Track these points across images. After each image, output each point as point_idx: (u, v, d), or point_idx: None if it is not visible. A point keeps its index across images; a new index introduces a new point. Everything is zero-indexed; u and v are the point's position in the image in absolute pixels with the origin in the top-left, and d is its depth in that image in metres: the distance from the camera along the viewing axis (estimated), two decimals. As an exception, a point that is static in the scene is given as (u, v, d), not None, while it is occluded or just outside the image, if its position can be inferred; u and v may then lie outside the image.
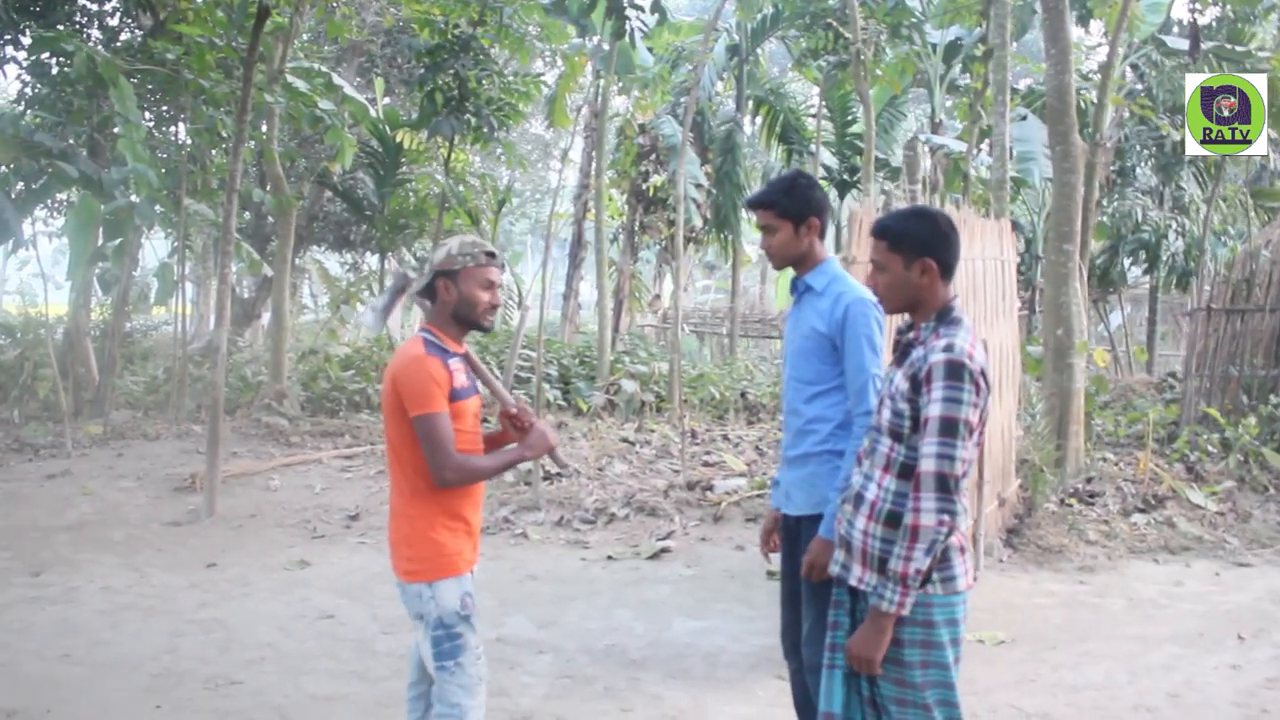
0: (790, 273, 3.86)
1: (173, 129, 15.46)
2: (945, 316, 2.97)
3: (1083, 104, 15.13)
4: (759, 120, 21.23)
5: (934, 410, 2.80)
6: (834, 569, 3.12)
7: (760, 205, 3.78)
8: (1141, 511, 8.64)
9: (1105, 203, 17.73)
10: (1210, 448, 10.11)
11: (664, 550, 7.86)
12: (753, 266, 35.79)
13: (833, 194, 21.37)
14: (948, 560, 2.90)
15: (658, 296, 25.39)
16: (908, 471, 2.90)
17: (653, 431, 12.53)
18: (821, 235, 3.79)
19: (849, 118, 20.20)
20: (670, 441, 11.77)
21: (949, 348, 2.84)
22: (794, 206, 3.72)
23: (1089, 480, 9.14)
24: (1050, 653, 5.79)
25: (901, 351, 3.03)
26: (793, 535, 3.79)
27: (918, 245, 2.99)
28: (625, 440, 11.94)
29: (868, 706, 3.02)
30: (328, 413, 13.64)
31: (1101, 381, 11.40)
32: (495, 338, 15.90)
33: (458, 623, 3.23)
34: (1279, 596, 7.00)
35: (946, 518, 2.77)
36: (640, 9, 13.96)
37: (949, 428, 2.78)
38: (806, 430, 3.70)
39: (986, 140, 16.09)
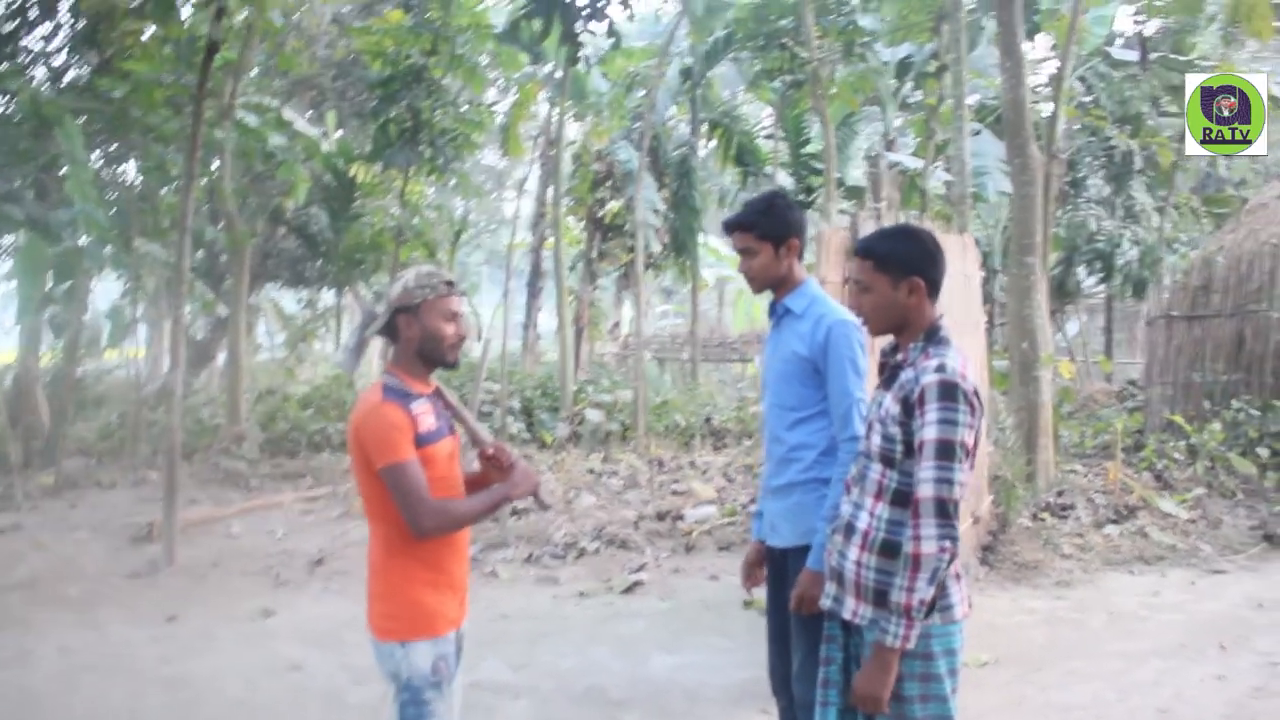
0: (767, 297, 3.76)
1: (121, 168, 15.22)
2: (933, 336, 2.90)
3: (1035, 116, 15.22)
4: (714, 143, 21.20)
5: (929, 433, 2.72)
6: (825, 602, 3.02)
7: (739, 227, 3.67)
8: (1114, 522, 8.63)
9: (1059, 214, 17.84)
10: (1177, 455, 10.13)
11: (637, 584, 7.73)
12: (710, 290, 35.83)
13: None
14: (944, 588, 2.81)
15: (617, 324, 25.31)
16: (901, 498, 2.82)
17: (619, 461, 12.41)
18: (800, 256, 3.70)
19: (803, 138, 20.22)
20: (638, 471, 11.66)
21: (941, 368, 2.76)
22: (774, 227, 3.63)
23: (1060, 493, 9.13)
24: (1036, 673, 5.72)
25: (889, 374, 2.95)
26: (779, 568, 3.67)
27: (905, 265, 2.92)
28: (592, 471, 11.81)
29: None
30: (287, 454, 13.42)
31: (1068, 393, 11.42)
32: (457, 372, 15.68)
33: (426, 688, 3.01)
34: (1255, 603, 7.01)
35: (948, 544, 2.68)
36: (594, 34, 13.90)
37: (946, 450, 2.70)
38: (790, 458, 3.59)
39: (941, 156, 16.21)
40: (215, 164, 13.37)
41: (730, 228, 3.71)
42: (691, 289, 22.68)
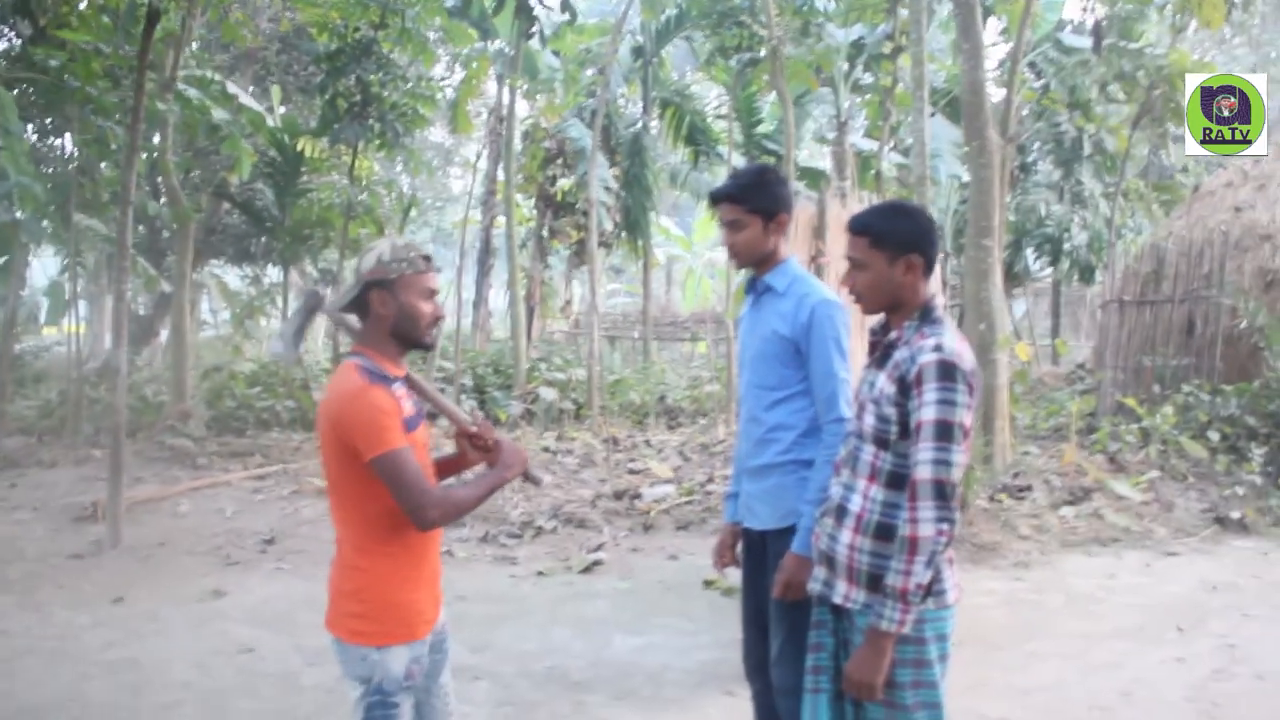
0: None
1: (59, 141, 14.82)
2: (928, 315, 2.84)
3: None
4: (665, 122, 21.11)
5: (928, 414, 2.65)
6: (814, 587, 2.95)
7: (728, 198, 3.56)
8: (1070, 504, 8.68)
9: (1009, 199, 17.97)
10: (1130, 438, 10.20)
11: (596, 563, 7.65)
12: (658, 269, 35.75)
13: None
14: (938, 573, 2.74)
15: (569, 302, 25.16)
16: (896, 480, 2.76)
17: (574, 440, 12.35)
18: (785, 234, 3.61)
19: (756, 118, 20.20)
20: (593, 450, 11.61)
21: (939, 348, 2.70)
22: (765, 201, 3.53)
23: (1016, 475, 9.18)
24: (998, 654, 5.71)
25: (882, 353, 2.87)
26: (756, 551, 3.59)
27: (902, 242, 2.85)
28: (547, 450, 11.73)
29: None
30: (235, 432, 13.21)
31: (1023, 375, 11.47)
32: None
33: (397, 691, 2.83)
34: (1210, 585, 7.07)
35: (945, 527, 2.62)
36: (549, 9, 13.74)
37: (944, 431, 2.63)
38: (768, 439, 3.50)
39: (894, 137, 16.23)
40: (157, 137, 13.06)
41: (718, 199, 3.59)
42: (644, 267, 22.64)
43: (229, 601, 6.94)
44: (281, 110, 17.42)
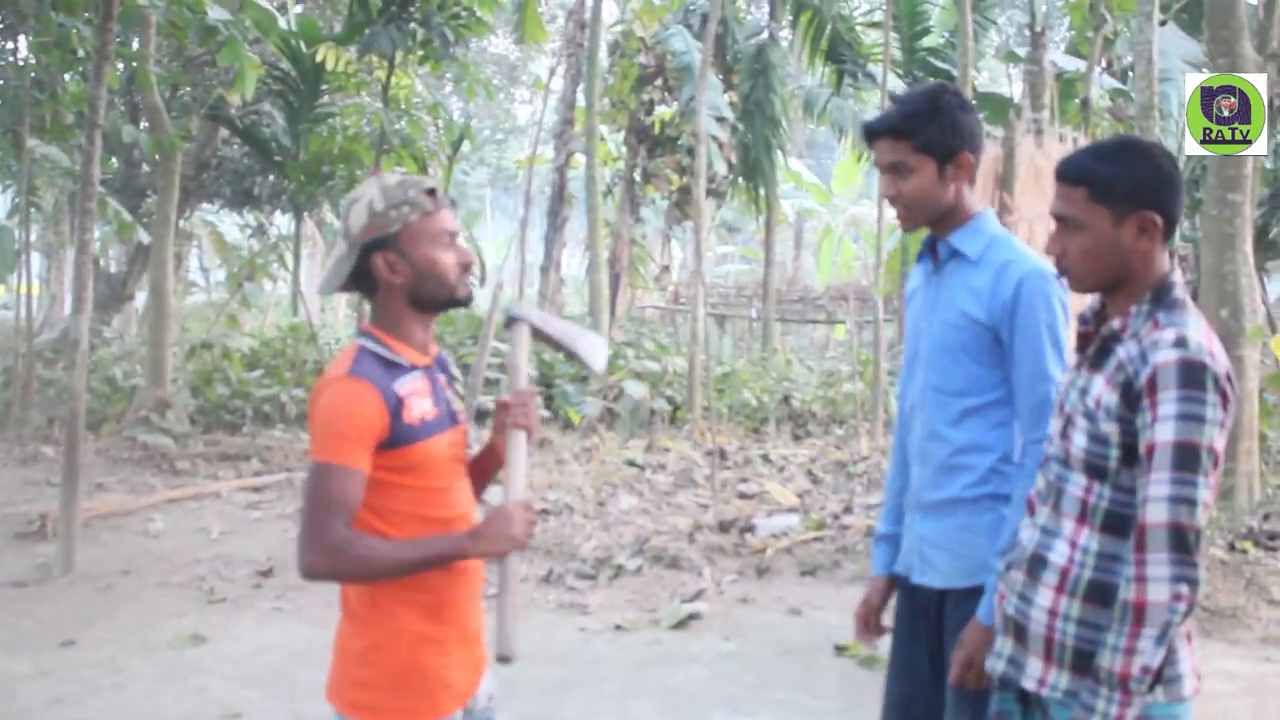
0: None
1: (9, 44, 15.15)
2: (1164, 297, 2.71)
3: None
4: (798, 32, 21.00)
5: (1165, 433, 2.54)
6: (996, 665, 2.87)
7: (891, 132, 3.39)
8: (1342, 559, 8.42)
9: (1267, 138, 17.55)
10: None
11: (692, 616, 7.62)
12: (786, 227, 35.62)
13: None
14: (1172, 652, 2.64)
15: (666, 269, 25.19)
16: (1118, 522, 2.66)
17: (668, 451, 12.40)
18: (972, 180, 3.45)
19: (921, 27, 19.98)
20: (693, 465, 11.65)
21: (1182, 342, 2.58)
22: (941, 136, 3.35)
23: (1267, 516, 8.97)
24: (1241, 762, 5.53)
25: (1099, 349, 2.76)
26: (923, 616, 3.46)
27: (1135, 194, 2.71)
28: (632, 464, 11.79)
29: None
30: (227, 428, 13.44)
31: (1278, 380, 11.15)
32: (450, 322, 15.64)
33: None
34: None
35: (1185, 589, 2.51)
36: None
37: (1188, 458, 2.52)
38: (956, 465, 3.36)
39: (1109, 54, 15.89)
40: (136, 42, 13.26)
41: (876, 133, 3.43)
42: (766, 225, 22.57)
43: (211, 650, 7.02)
44: (297, 9, 17.64)
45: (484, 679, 2.99)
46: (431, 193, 2.86)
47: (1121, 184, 2.72)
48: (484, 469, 3.14)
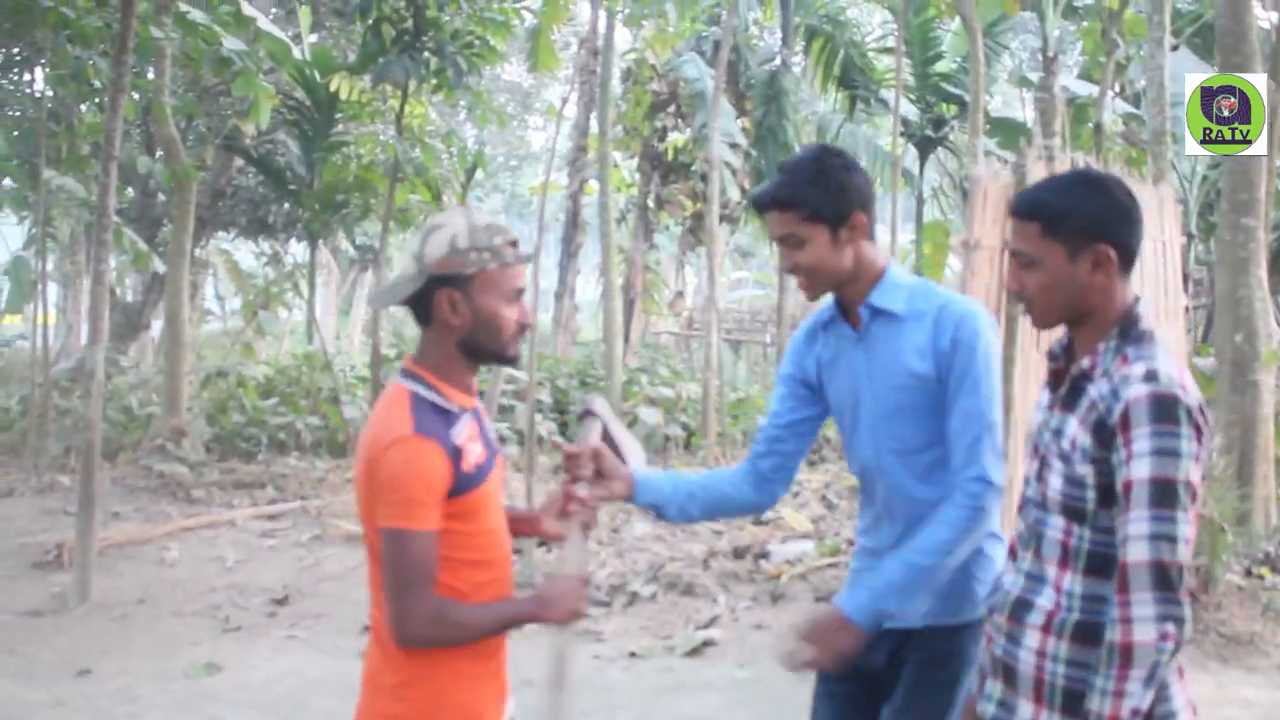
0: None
1: (26, 76, 15.25)
2: (1131, 331, 2.70)
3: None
4: (811, 58, 21.02)
5: (1141, 470, 2.52)
6: (986, 708, 2.85)
7: (776, 204, 3.27)
8: (1360, 583, 8.39)
9: (1280, 162, 17.52)
10: None
11: (707, 643, 7.62)
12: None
13: (911, 155, 21.18)
14: (1164, 690, 2.62)
15: (680, 294, 25.18)
16: (1100, 563, 2.64)
17: (682, 477, 12.25)
18: (870, 235, 3.34)
19: (933, 53, 20.01)
20: (707, 491, 11.51)
21: (1152, 376, 2.56)
22: (828, 201, 3.21)
23: (1283, 541, 8.90)
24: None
25: (1070, 388, 2.75)
26: (886, 653, 3.36)
27: (1088, 228, 2.70)
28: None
29: None
30: (242, 456, 13.46)
31: (1296, 404, 11.14)
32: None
33: None
34: None
35: (1171, 628, 2.48)
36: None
37: (1165, 494, 2.50)
38: (928, 516, 3.25)
39: (1122, 79, 15.90)
40: (151, 73, 13.33)
41: (766, 206, 3.30)
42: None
43: (226, 679, 7.03)
44: (312, 39, 17.71)
45: (507, 706, 3.03)
46: (515, 244, 2.83)
47: (1074, 218, 2.71)
48: (515, 530, 3.12)
